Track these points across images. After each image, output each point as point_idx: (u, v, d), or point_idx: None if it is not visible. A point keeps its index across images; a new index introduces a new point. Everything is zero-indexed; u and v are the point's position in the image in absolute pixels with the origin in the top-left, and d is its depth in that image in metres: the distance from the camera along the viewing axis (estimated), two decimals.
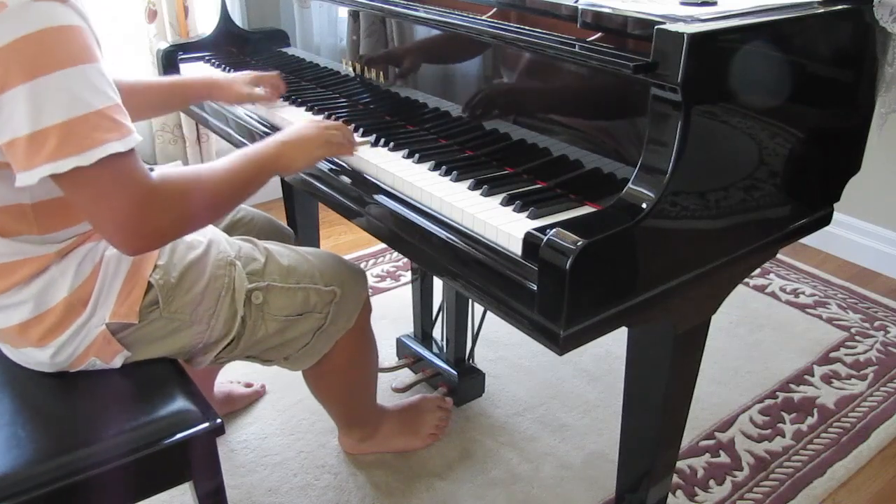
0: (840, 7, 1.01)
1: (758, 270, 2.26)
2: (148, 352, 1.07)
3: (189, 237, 1.10)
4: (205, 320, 1.08)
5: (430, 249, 0.98)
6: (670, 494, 1.43)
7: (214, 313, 1.09)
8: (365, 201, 1.10)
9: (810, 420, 1.66)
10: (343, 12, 1.41)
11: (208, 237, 1.12)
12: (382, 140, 1.20)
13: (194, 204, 0.93)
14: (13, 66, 0.78)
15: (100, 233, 0.88)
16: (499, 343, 1.91)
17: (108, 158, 0.81)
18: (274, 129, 1.33)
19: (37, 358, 1.03)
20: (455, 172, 1.06)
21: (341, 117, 1.32)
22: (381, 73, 1.34)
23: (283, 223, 1.48)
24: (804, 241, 2.30)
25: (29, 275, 0.98)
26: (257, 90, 1.41)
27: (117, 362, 1.05)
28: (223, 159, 1.01)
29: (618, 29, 0.93)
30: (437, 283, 1.75)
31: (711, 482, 1.49)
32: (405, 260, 2.33)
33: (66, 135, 0.80)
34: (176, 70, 1.74)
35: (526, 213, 0.94)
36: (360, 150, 1.18)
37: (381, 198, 1.07)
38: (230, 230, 1.33)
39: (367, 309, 1.29)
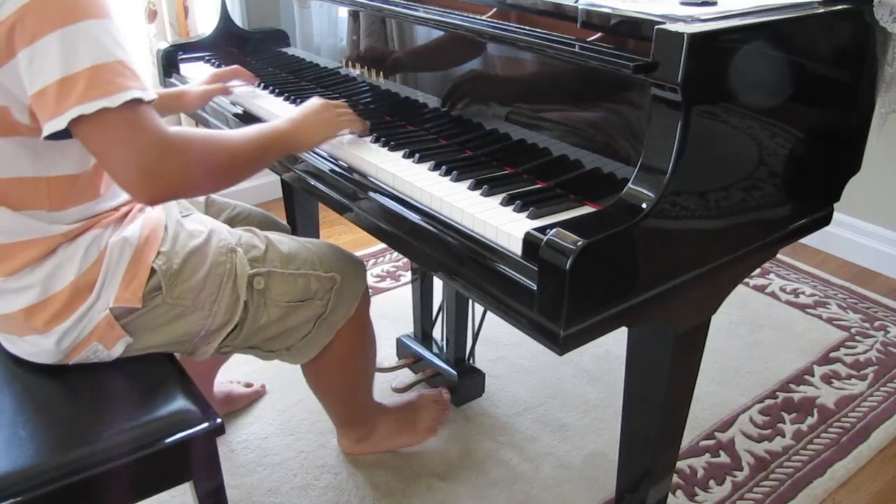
0: (840, 7, 1.01)
1: (758, 270, 2.26)
2: (151, 338, 1.08)
3: (190, 226, 1.12)
4: (207, 306, 1.09)
5: (430, 249, 0.98)
6: (670, 494, 1.43)
7: (217, 299, 1.10)
8: (364, 201, 1.10)
9: (810, 420, 1.66)
10: (343, 12, 1.41)
11: (209, 227, 1.14)
12: (382, 140, 1.20)
13: (210, 158, 0.97)
14: (44, 15, 0.83)
15: (117, 179, 0.92)
16: (499, 343, 1.91)
17: (131, 103, 0.86)
18: None
19: (41, 345, 1.03)
20: (455, 172, 1.06)
21: None
22: (381, 73, 1.34)
23: (281, 220, 1.48)
24: (804, 241, 2.30)
25: (37, 256, 0.99)
26: (215, 85, 1.45)
27: (118, 349, 1.06)
28: (240, 129, 1.06)
29: (618, 29, 0.93)
30: (437, 283, 1.76)
31: (711, 482, 1.49)
32: (405, 260, 2.33)
33: (94, 78, 0.84)
34: (176, 70, 1.74)
35: (526, 213, 0.94)
36: (358, 147, 1.18)
37: (380, 197, 1.07)
38: (229, 225, 1.33)
39: (366, 300, 1.30)
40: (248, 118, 1.43)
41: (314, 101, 1.19)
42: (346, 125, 1.20)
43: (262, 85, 1.53)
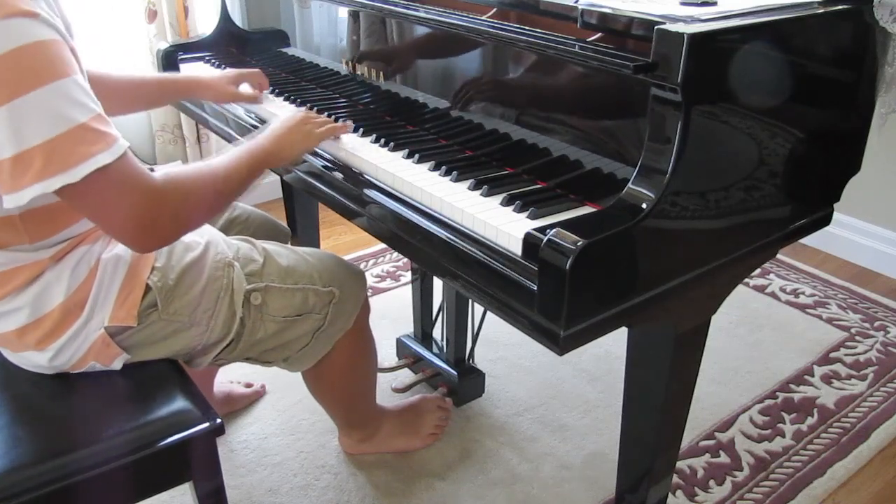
0: (840, 7, 1.01)
1: (758, 270, 2.26)
2: (147, 354, 1.07)
3: (187, 238, 1.10)
4: (203, 322, 1.08)
5: (430, 249, 0.98)
6: (670, 494, 1.43)
7: (213, 314, 1.09)
8: (365, 201, 1.10)
9: (810, 420, 1.66)
10: (343, 12, 1.41)
11: (206, 238, 1.12)
12: (382, 140, 1.20)
13: (197, 200, 0.94)
14: None
15: (111, 236, 0.90)
16: (499, 343, 1.91)
17: (97, 172, 0.81)
18: None
19: (36, 361, 1.03)
20: (455, 172, 1.06)
21: (341, 117, 1.32)
22: (381, 73, 1.34)
23: (281, 221, 1.48)
24: (804, 241, 2.30)
25: (24, 281, 0.98)
26: (242, 88, 1.43)
27: (117, 365, 1.05)
28: (221, 157, 1.03)
29: (618, 29, 0.93)
30: (437, 283, 1.75)
31: (711, 482, 1.49)
32: (405, 260, 2.33)
33: (51, 153, 0.79)
34: (176, 70, 1.74)
35: (526, 214, 0.94)
36: (359, 148, 1.18)
37: (381, 198, 1.07)
38: (227, 228, 1.33)
39: (366, 310, 1.29)
40: (251, 123, 1.43)
41: (293, 115, 1.18)
42: (327, 134, 1.18)
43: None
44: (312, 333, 1.18)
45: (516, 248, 0.86)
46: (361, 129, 1.25)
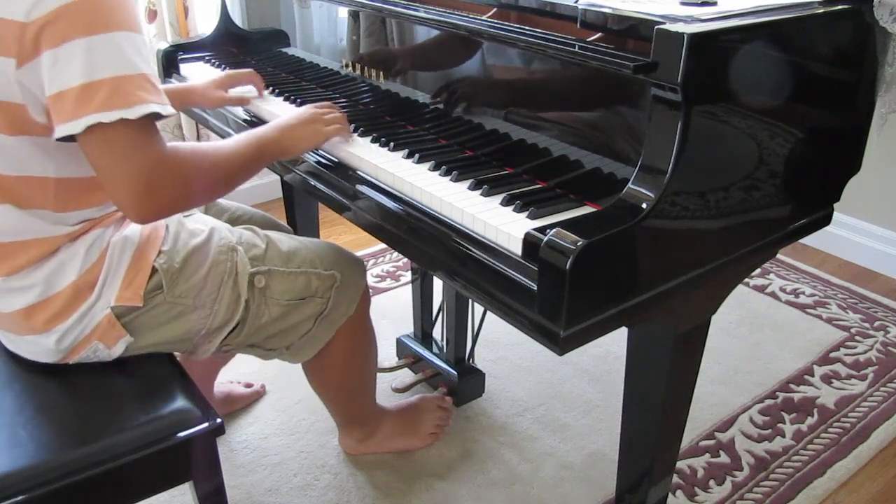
0: (840, 7, 1.01)
1: (758, 270, 2.26)
2: (152, 337, 1.08)
3: (191, 225, 1.13)
4: (208, 305, 1.10)
5: (430, 249, 0.98)
6: (670, 494, 1.43)
7: (217, 297, 1.10)
8: (364, 201, 1.10)
9: (810, 420, 1.66)
10: (343, 12, 1.41)
11: (210, 225, 1.15)
12: (382, 140, 1.20)
13: (202, 175, 0.98)
14: (75, 21, 0.84)
15: (112, 196, 0.93)
16: (499, 343, 1.91)
17: (148, 117, 0.88)
18: None
19: (40, 344, 1.03)
20: (455, 172, 1.06)
21: None
22: (381, 73, 1.34)
23: (282, 222, 1.48)
24: (804, 241, 2.30)
25: (39, 256, 1.00)
26: (232, 92, 1.44)
27: (119, 348, 1.06)
28: (228, 140, 1.08)
29: (618, 29, 0.93)
30: (437, 283, 1.76)
31: (711, 482, 1.49)
32: (405, 260, 2.33)
33: (116, 89, 0.86)
34: (176, 70, 1.74)
35: (526, 213, 0.94)
36: (359, 147, 1.18)
37: (380, 198, 1.07)
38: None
39: (366, 299, 1.30)
40: (251, 123, 1.43)
41: (303, 110, 1.20)
42: (334, 133, 1.20)
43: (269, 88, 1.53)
44: (315, 318, 1.20)
45: (516, 248, 0.86)
46: (361, 129, 1.26)
